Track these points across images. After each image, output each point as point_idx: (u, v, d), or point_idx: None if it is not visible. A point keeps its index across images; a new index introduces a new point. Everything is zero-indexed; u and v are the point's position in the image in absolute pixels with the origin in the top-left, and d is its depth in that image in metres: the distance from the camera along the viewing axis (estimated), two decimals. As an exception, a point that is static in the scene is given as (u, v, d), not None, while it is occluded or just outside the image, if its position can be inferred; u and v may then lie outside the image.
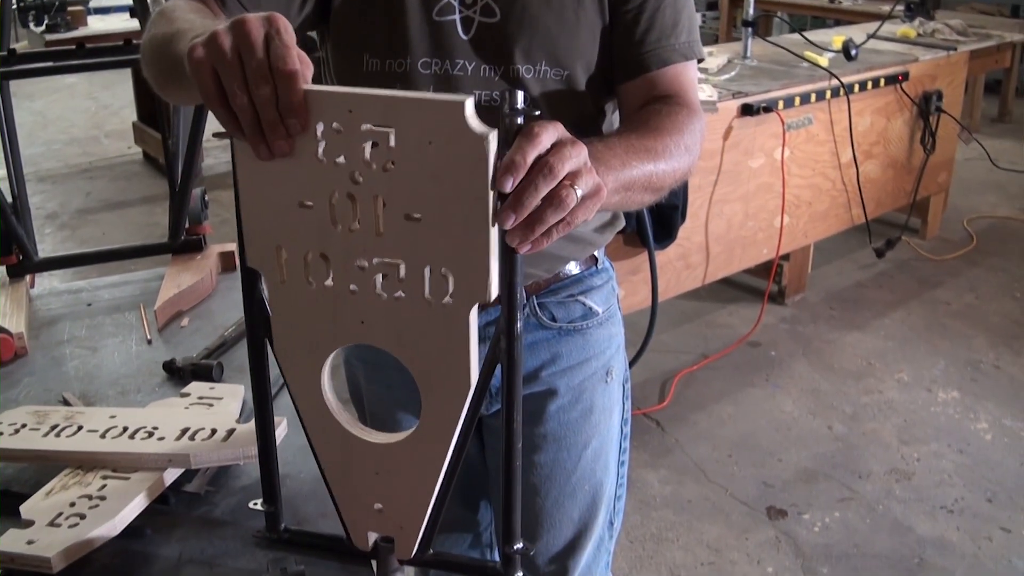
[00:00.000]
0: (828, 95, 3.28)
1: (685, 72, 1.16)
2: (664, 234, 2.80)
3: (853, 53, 3.47)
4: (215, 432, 1.16)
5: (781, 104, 3.09)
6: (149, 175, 5.35)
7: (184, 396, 1.30)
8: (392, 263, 0.81)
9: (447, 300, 0.81)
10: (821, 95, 3.25)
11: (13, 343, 1.47)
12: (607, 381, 1.33)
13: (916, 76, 3.68)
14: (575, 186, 0.78)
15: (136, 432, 1.17)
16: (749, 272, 3.55)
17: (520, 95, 0.77)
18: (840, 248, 4.10)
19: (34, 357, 1.49)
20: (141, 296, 1.70)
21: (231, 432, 1.16)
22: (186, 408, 1.25)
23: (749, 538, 2.46)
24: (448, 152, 0.76)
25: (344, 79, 1.17)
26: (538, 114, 0.77)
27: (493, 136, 0.75)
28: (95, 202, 4.99)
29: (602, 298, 1.31)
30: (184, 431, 1.16)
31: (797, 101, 3.16)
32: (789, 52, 3.45)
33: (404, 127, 0.76)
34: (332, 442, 0.90)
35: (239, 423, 1.18)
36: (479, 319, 0.83)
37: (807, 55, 3.40)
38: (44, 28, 5.09)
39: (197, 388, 1.32)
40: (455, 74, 1.12)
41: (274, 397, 1.03)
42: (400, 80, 1.12)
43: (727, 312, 3.63)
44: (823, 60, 3.38)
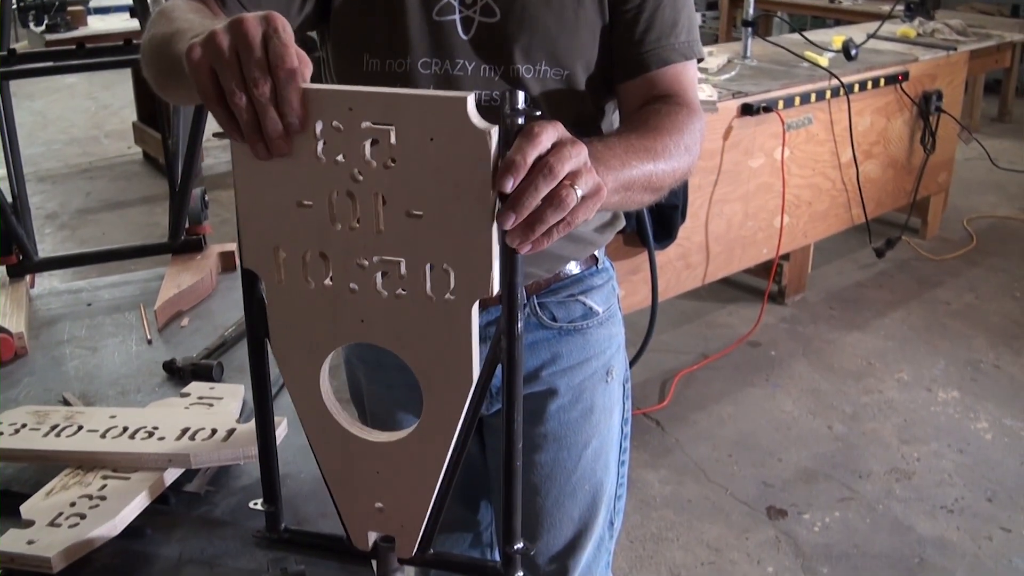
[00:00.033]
0: (828, 95, 3.28)
1: (685, 72, 1.16)
2: (664, 234, 2.80)
3: (853, 53, 3.46)
4: (215, 432, 1.16)
5: (781, 104, 3.10)
6: (149, 175, 5.35)
7: (184, 396, 1.30)
8: (393, 261, 0.81)
9: (448, 296, 0.81)
10: (821, 95, 3.25)
11: (13, 343, 1.47)
12: (607, 381, 1.33)
13: (916, 76, 3.68)
14: (575, 186, 0.78)
15: (136, 432, 1.17)
16: (749, 272, 3.55)
17: (520, 95, 0.77)
18: (840, 248, 4.10)
19: (34, 357, 1.49)
20: (141, 296, 1.70)
21: (231, 432, 1.16)
22: (186, 408, 1.25)
23: (749, 538, 2.45)
24: (450, 148, 0.76)
25: (344, 79, 1.17)
26: (538, 114, 0.77)
27: (495, 131, 0.75)
28: (95, 202, 4.98)
29: (602, 298, 1.31)
30: (184, 431, 1.16)
31: (797, 101, 3.16)
32: (789, 52, 3.45)
33: (405, 124, 0.76)
34: (332, 442, 0.90)
35: (239, 423, 1.18)
36: (480, 319, 0.83)
37: (807, 55, 3.40)
38: (44, 28, 5.08)
39: (197, 388, 1.32)
40: (455, 74, 1.12)
41: (274, 397, 1.03)
42: (400, 80, 1.12)
43: (727, 312, 3.63)
44: (823, 60, 3.38)
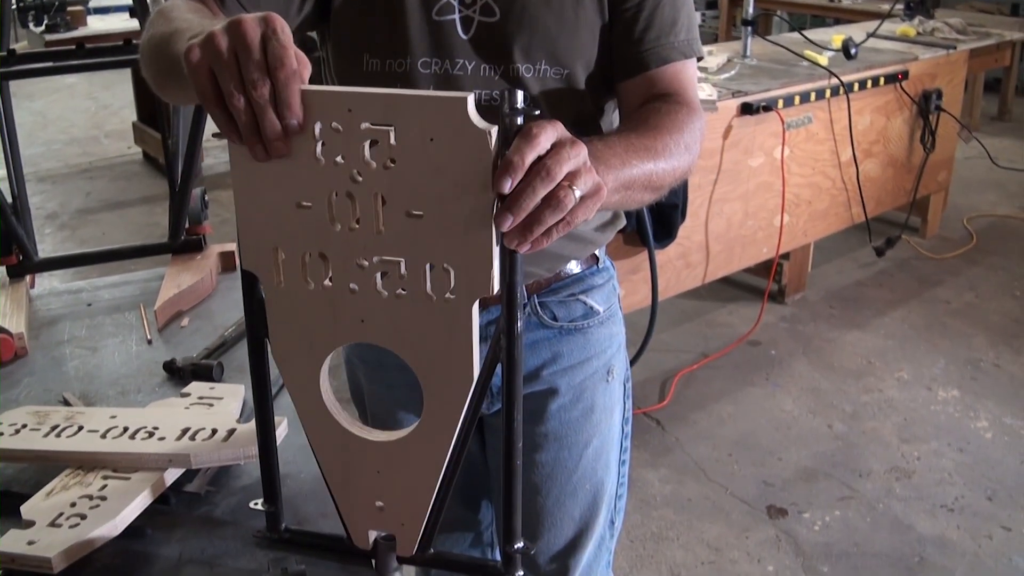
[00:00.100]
0: (828, 94, 3.28)
1: (684, 70, 1.16)
2: (664, 233, 2.80)
3: (853, 52, 3.46)
4: (215, 432, 1.16)
5: (781, 103, 3.09)
6: (149, 175, 5.35)
7: (184, 396, 1.30)
8: (393, 261, 0.81)
9: (448, 296, 0.81)
10: (821, 94, 3.25)
11: (13, 343, 1.47)
12: (608, 380, 1.33)
13: (916, 75, 3.68)
14: (573, 186, 0.78)
15: (136, 432, 1.17)
16: (749, 271, 3.55)
17: (520, 94, 0.77)
18: (840, 247, 4.10)
19: (34, 357, 1.49)
20: (141, 296, 1.70)
21: (231, 432, 1.16)
22: (186, 408, 1.25)
23: (749, 537, 2.46)
24: (450, 148, 0.76)
25: (344, 79, 1.17)
26: (538, 113, 0.77)
27: (495, 131, 0.76)
28: (95, 202, 4.98)
29: (603, 297, 1.31)
30: (184, 431, 1.16)
31: (797, 100, 3.16)
32: (789, 51, 3.45)
33: (405, 125, 0.76)
34: (332, 442, 0.90)
35: (239, 423, 1.18)
36: (480, 318, 0.83)
37: (807, 54, 3.40)
38: (44, 28, 5.08)
39: (197, 388, 1.32)
40: (455, 73, 1.12)
41: (274, 397, 1.03)
42: (400, 80, 1.12)
43: (727, 311, 3.63)
44: (823, 59, 3.37)
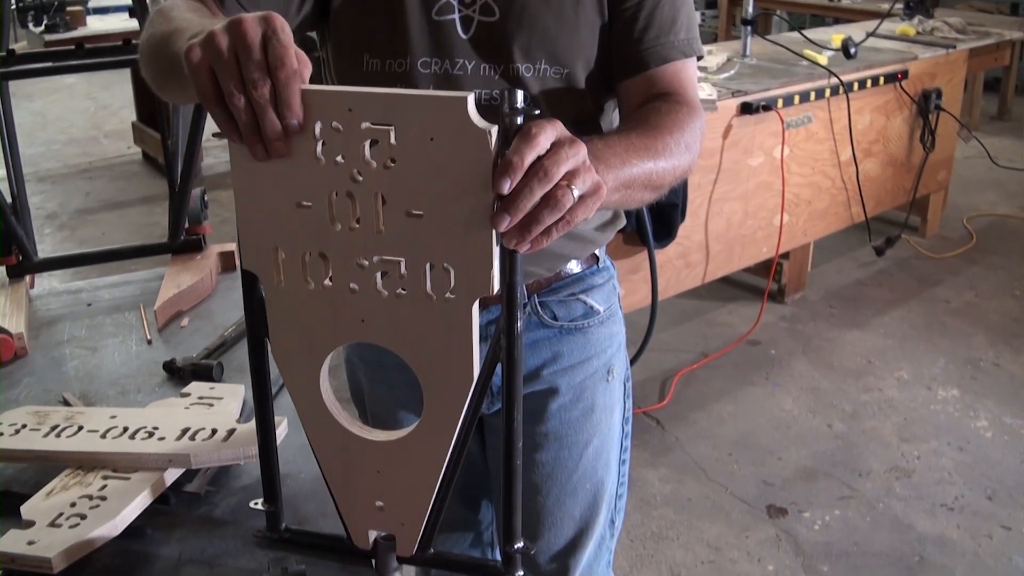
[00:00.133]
0: (827, 93, 3.28)
1: (684, 69, 1.16)
2: (664, 233, 2.80)
3: (852, 51, 3.46)
4: (215, 432, 1.16)
5: (780, 102, 3.09)
6: (149, 175, 5.35)
7: (184, 396, 1.30)
8: (393, 260, 0.81)
9: (449, 295, 0.81)
10: (820, 93, 3.25)
11: (13, 343, 1.47)
12: (608, 380, 1.33)
13: (915, 74, 3.68)
14: (572, 186, 0.78)
15: (136, 432, 1.17)
16: (749, 271, 3.55)
17: (520, 94, 0.77)
18: (840, 246, 4.10)
19: (34, 357, 1.49)
20: (141, 296, 1.70)
21: (231, 432, 1.16)
22: (186, 408, 1.25)
23: (749, 536, 2.46)
24: (450, 148, 0.76)
25: (344, 79, 1.17)
26: (538, 113, 0.77)
27: (495, 131, 0.76)
28: (95, 202, 4.98)
29: (603, 297, 1.30)
30: (184, 431, 1.16)
31: (796, 99, 3.16)
32: (788, 50, 3.45)
33: (405, 124, 0.76)
34: (332, 442, 0.90)
35: (239, 423, 1.18)
36: (480, 318, 0.83)
37: (806, 53, 3.40)
38: (43, 28, 5.08)
39: (197, 388, 1.32)
40: (455, 73, 1.12)
41: (274, 397, 1.03)
42: (400, 80, 1.12)
43: (727, 311, 3.63)
44: (822, 58, 3.37)
